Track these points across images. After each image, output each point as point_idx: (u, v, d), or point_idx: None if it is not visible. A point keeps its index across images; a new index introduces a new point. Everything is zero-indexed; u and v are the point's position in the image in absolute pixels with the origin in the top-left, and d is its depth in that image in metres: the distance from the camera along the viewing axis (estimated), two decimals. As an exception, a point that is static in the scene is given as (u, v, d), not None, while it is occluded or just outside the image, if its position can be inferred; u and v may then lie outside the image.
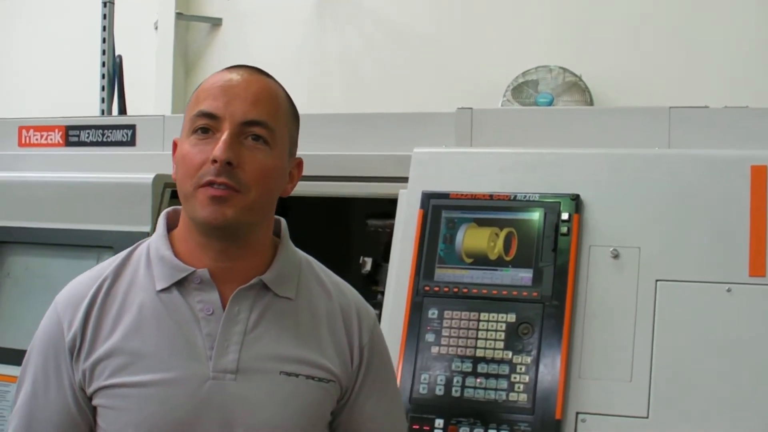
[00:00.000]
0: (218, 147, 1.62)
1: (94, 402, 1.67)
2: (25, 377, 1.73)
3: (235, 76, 1.71)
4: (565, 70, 4.88)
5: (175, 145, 1.75)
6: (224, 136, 1.63)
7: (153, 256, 1.73)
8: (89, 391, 1.67)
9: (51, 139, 3.45)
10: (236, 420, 1.64)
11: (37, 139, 3.46)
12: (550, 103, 4.79)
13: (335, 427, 1.79)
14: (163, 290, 1.69)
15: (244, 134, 1.66)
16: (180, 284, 1.69)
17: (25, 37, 6.64)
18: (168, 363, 1.65)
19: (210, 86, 1.70)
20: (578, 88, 4.85)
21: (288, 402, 1.68)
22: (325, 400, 1.73)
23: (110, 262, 1.75)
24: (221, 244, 1.69)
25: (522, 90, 4.91)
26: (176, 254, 1.71)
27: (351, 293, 1.86)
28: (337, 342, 1.76)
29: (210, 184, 1.62)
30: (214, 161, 1.61)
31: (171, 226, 1.77)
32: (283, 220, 1.82)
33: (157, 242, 1.74)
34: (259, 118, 1.67)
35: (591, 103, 4.82)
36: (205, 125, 1.66)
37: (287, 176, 1.76)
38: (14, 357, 2.42)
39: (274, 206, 1.75)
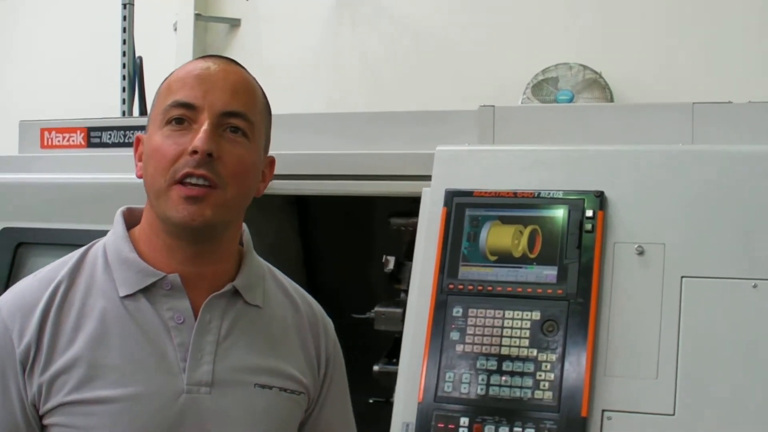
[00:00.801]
0: (199, 137, 1.53)
1: (48, 421, 1.53)
2: None
3: (211, 65, 1.63)
4: (585, 67, 4.86)
5: (137, 141, 1.65)
6: (205, 126, 1.54)
7: (113, 259, 1.60)
8: (44, 408, 1.52)
9: (73, 141, 3.45)
10: None
11: (59, 141, 3.47)
12: (571, 101, 4.77)
13: None
14: (127, 296, 1.56)
15: (223, 126, 1.57)
16: (146, 290, 1.57)
17: (44, 38, 6.67)
18: (137, 376, 1.53)
19: (184, 75, 1.61)
20: (598, 86, 4.84)
21: (263, 416, 1.61)
22: (295, 411, 1.68)
23: (60, 265, 1.62)
24: (193, 247, 1.59)
25: (542, 87, 4.89)
26: (140, 257, 1.60)
27: (315, 303, 1.80)
28: (306, 352, 1.71)
29: (187, 176, 1.52)
30: (194, 152, 1.52)
31: (128, 225, 1.65)
32: (245, 228, 1.72)
33: (116, 243, 1.62)
34: (239, 109, 1.58)
35: (611, 100, 4.80)
36: (181, 116, 1.56)
37: (260, 174, 1.67)
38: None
39: (247, 206, 1.66)
